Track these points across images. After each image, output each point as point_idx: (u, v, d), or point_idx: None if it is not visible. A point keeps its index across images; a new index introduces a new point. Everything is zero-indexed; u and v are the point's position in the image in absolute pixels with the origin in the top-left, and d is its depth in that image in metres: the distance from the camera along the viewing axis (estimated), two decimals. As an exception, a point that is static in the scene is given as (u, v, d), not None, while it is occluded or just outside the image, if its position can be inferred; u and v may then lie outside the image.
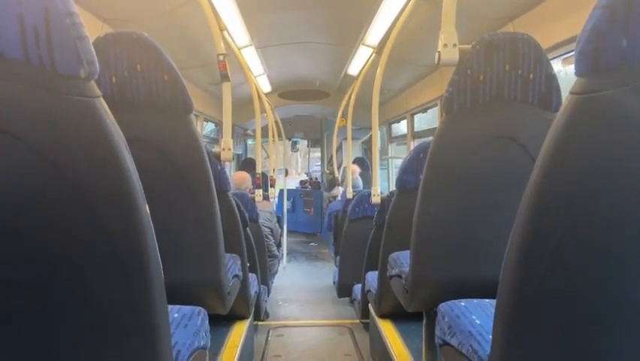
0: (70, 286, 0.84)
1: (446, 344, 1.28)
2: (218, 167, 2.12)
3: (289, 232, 6.91)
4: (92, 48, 0.76)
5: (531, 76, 1.43)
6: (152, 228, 0.86)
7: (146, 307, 0.87)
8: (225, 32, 2.94)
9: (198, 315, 1.30)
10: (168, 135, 1.53)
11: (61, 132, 0.76)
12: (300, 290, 5.06)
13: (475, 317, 1.25)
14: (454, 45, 1.52)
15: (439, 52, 1.53)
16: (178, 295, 1.17)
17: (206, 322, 1.33)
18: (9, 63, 0.73)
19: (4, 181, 0.76)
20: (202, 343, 1.25)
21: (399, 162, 6.39)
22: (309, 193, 8.90)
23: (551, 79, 1.43)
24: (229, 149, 2.16)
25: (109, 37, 1.44)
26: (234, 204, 2.27)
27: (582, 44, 0.79)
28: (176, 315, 1.25)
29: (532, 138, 1.45)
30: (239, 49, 3.86)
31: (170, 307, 0.95)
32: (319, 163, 10.21)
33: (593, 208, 0.83)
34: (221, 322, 2.45)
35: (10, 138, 0.74)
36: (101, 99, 0.78)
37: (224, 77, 2.26)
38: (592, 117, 0.81)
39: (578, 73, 0.82)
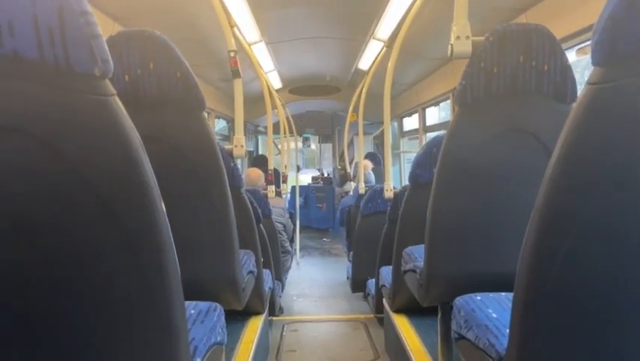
0: (87, 283, 0.84)
1: (462, 338, 1.28)
2: (231, 164, 2.12)
3: (302, 227, 6.93)
4: (106, 46, 0.76)
5: (546, 67, 1.41)
6: (169, 225, 0.87)
7: (163, 304, 0.88)
8: (235, 29, 2.94)
9: (214, 311, 1.31)
10: (181, 132, 1.53)
11: (76, 131, 0.77)
12: (314, 285, 5.07)
13: (492, 311, 1.24)
14: (467, 37, 1.50)
15: (451, 44, 1.52)
16: (194, 291, 1.18)
17: (223, 318, 1.33)
18: (24, 63, 0.73)
19: (20, 179, 0.77)
20: (219, 338, 1.26)
21: (410, 156, 6.39)
22: (321, 189, 8.90)
23: (566, 70, 1.42)
24: (242, 145, 2.16)
25: (122, 35, 1.45)
26: (247, 201, 2.28)
27: (599, 33, 0.78)
28: (192, 311, 1.26)
29: (547, 130, 1.43)
30: (249, 45, 3.86)
31: (186, 303, 0.96)
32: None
33: (611, 201, 0.82)
34: (236, 317, 2.47)
35: (26, 136, 0.75)
36: (116, 97, 0.78)
37: (236, 74, 2.26)
38: (610, 107, 0.80)
39: (595, 62, 0.81)
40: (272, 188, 3.75)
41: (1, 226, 0.79)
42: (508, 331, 1.04)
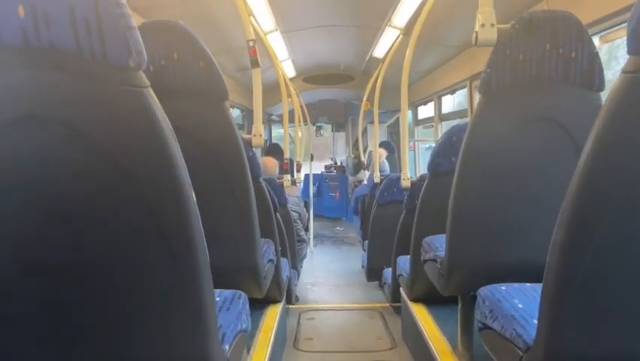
0: (123, 270, 0.86)
1: (487, 327, 1.28)
2: (250, 153, 2.13)
3: (314, 216, 6.94)
4: (140, 38, 0.76)
5: (573, 55, 1.39)
6: (199, 214, 0.88)
7: (194, 291, 0.89)
8: (251, 18, 2.93)
9: (239, 299, 1.32)
10: (205, 122, 1.54)
11: (111, 121, 0.78)
12: (329, 274, 5.08)
13: (517, 301, 1.24)
14: (492, 25, 1.48)
15: (476, 32, 1.50)
16: (216, 279, 1.19)
17: (247, 305, 1.35)
18: (60, 54, 0.74)
19: (55, 169, 0.79)
20: (244, 326, 1.27)
21: (424, 145, 6.34)
22: (335, 178, 8.89)
23: (594, 57, 1.39)
24: (260, 135, 2.16)
25: (145, 26, 1.46)
26: (266, 190, 2.29)
27: (635, 21, 0.77)
28: (218, 299, 1.28)
29: (574, 119, 1.42)
30: (265, 34, 3.85)
31: None
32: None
33: None
34: (255, 305, 2.49)
35: (61, 127, 0.76)
36: (150, 89, 0.79)
37: (255, 63, 2.25)
38: None
39: (631, 51, 0.79)
40: (287, 177, 3.75)
41: (38, 214, 0.80)
42: (535, 321, 1.04)
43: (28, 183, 0.77)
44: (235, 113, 6.32)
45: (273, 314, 2.51)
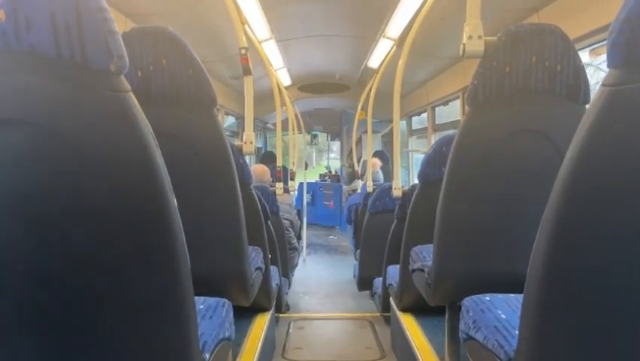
0: (99, 277, 0.85)
1: (470, 338, 1.28)
2: (240, 160, 2.13)
3: (308, 224, 6.93)
4: (122, 43, 0.77)
5: (558, 67, 1.40)
6: (180, 220, 0.87)
7: (174, 298, 0.89)
8: (246, 26, 2.94)
9: (223, 306, 1.32)
10: (192, 129, 1.54)
11: (91, 126, 0.78)
12: (321, 283, 5.07)
13: (501, 312, 1.24)
14: (479, 37, 1.49)
15: (463, 44, 1.51)
16: (202, 286, 1.18)
17: (231, 313, 1.34)
18: (41, 58, 0.74)
19: (34, 173, 0.78)
20: (227, 334, 1.26)
21: (418, 155, 6.37)
22: (329, 186, 8.90)
23: (579, 71, 1.41)
24: (251, 142, 2.17)
25: (135, 31, 1.46)
26: (256, 197, 2.29)
27: (615, 35, 0.78)
28: (201, 306, 1.27)
29: (559, 131, 1.43)
30: (259, 42, 3.87)
31: (195, 298, 0.97)
32: None
33: (625, 203, 0.81)
34: (243, 314, 2.47)
35: (41, 131, 0.76)
36: (131, 94, 0.79)
37: (246, 71, 2.26)
38: (625, 110, 0.79)
39: (610, 64, 0.80)
40: (280, 185, 3.75)
41: (15, 220, 0.80)
42: (517, 332, 1.04)
43: (6, 188, 0.77)
44: (230, 120, 6.33)
45: (261, 323, 2.49)
